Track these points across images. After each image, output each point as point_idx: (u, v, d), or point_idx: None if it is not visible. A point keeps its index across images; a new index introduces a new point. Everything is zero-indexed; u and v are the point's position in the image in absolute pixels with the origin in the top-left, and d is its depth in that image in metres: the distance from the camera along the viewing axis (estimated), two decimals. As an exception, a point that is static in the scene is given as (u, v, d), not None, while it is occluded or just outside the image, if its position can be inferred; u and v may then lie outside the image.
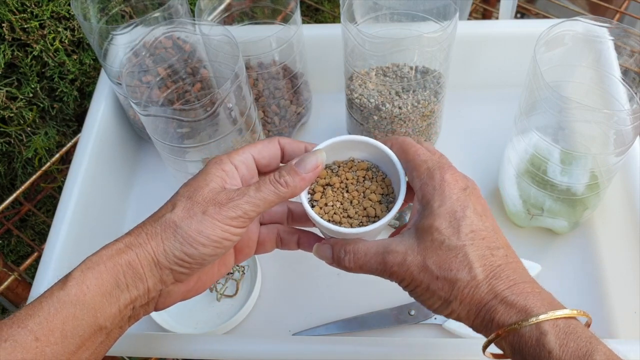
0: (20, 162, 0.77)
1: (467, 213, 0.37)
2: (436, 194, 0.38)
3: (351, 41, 0.55)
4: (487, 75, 0.72)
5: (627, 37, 0.52)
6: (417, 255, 0.37)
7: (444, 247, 0.37)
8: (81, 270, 0.37)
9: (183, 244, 0.38)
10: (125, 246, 0.38)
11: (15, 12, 0.69)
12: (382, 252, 0.38)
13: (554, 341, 0.33)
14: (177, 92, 0.61)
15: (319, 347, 0.48)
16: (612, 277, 0.58)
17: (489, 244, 0.37)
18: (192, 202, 0.39)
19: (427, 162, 0.40)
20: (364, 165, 0.46)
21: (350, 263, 0.40)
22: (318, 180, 0.45)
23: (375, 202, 0.44)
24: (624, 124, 0.48)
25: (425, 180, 0.39)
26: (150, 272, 0.38)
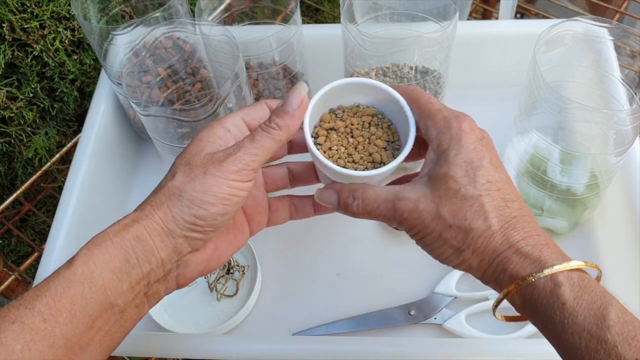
0: (20, 162, 0.77)
1: (483, 163, 0.37)
2: (453, 142, 0.37)
3: (351, 41, 0.55)
4: (487, 75, 0.72)
5: (626, 37, 0.52)
6: (430, 203, 0.37)
7: (459, 196, 0.36)
8: (87, 249, 0.36)
9: (191, 207, 0.37)
10: (131, 220, 0.37)
11: (15, 12, 0.69)
12: (393, 198, 0.38)
13: (568, 293, 0.33)
14: (177, 92, 0.61)
15: (319, 347, 0.48)
16: (611, 277, 0.58)
17: (504, 196, 0.37)
18: (190, 166, 0.38)
19: (442, 110, 0.39)
20: (369, 111, 0.44)
21: (358, 208, 0.39)
22: (322, 124, 0.43)
23: (381, 149, 0.42)
24: (623, 124, 0.48)
25: (442, 129, 0.38)
26: (161, 243, 0.37)
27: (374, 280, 0.60)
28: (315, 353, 0.48)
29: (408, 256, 0.61)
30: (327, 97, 0.43)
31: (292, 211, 0.46)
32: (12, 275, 0.66)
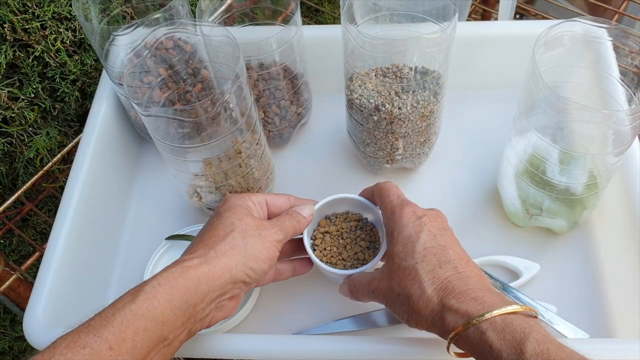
0: (21, 162, 0.77)
1: (420, 236, 0.45)
2: (395, 225, 0.46)
3: (351, 42, 0.55)
4: (486, 75, 0.72)
5: (625, 38, 0.52)
6: (385, 279, 0.46)
7: (401, 268, 0.44)
8: (152, 286, 0.40)
9: (249, 260, 0.45)
10: (197, 263, 0.43)
11: (16, 12, 0.70)
12: (369, 280, 0.48)
13: (492, 337, 0.39)
14: (178, 93, 0.61)
15: (319, 346, 0.49)
16: (610, 277, 0.58)
17: (439, 259, 0.43)
18: (245, 224, 0.47)
19: (392, 201, 0.49)
20: (356, 217, 0.59)
21: (357, 293, 0.50)
22: (319, 228, 0.58)
23: (364, 248, 0.56)
24: (622, 124, 0.48)
25: (389, 216, 0.48)
26: (218, 286, 0.43)
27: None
28: (316, 352, 0.48)
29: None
30: (323, 208, 0.57)
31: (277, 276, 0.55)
32: (14, 275, 0.66)
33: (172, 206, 0.68)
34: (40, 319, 0.51)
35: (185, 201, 0.65)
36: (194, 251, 0.45)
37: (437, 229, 0.46)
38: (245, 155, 0.58)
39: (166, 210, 0.67)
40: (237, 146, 0.57)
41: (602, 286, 0.58)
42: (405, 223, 0.46)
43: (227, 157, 0.57)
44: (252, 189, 0.61)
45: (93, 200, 0.61)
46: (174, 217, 0.66)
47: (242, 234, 0.46)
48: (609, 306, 0.56)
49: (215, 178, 0.58)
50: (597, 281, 0.58)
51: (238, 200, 0.50)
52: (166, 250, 0.63)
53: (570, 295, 0.57)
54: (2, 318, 0.86)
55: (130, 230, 0.67)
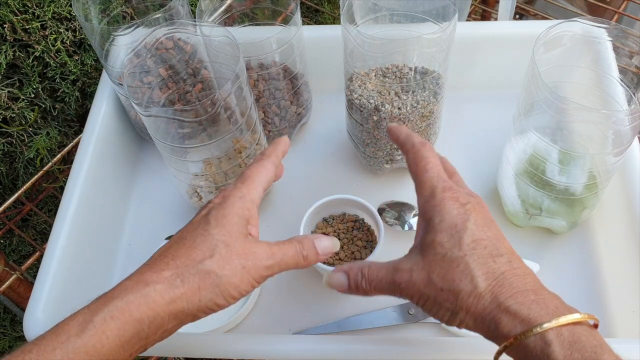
0: (22, 162, 0.77)
1: (468, 225, 0.38)
2: (436, 210, 0.40)
3: (351, 42, 0.55)
4: (486, 76, 0.72)
5: (625, 38, 0.52)
6: (422, 271, 0.38)
7: (446, 259, 0.38)
8: (104, 318, 0.36)
9: (218, 296, 0.38)
10: (158, 292, 0.37)
11: (17, 12, 0.70)
12: (392, 271, 0.40)
13: (558, 351, 0.33)
14: (178, 93, 0.61)
15: (319, 346, 0.49)
16: (610, 277, 0.58)
17: (491, 252, 0.38)
18: (230, 251, 0.39)
19: (431, 179, 0.42)
20: (352, 218, 0.60)
21: (367, 286, 0.41)
22: (316, 231, 0.59)
23: (360, 247, 0.57)
24: (622, 124, 0.48)
25: (427, 198, 0.41)
26: (174, 320, 0.38)
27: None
28: (316, 352, 0.48)
29: (408, 256, 0.61)
30: (320, 209, 0.58)
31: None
32: (14, 275, 0.66)
33: (172, 206, 0.68)
34: (40, 319, 0.51)
35: (185, 201, 0.65)
36: (160, 269, 0.38)
37: (482, 219, 0.40)
38: (245, 155, 0.58)
39: (166, 210, 0.67)
40: (237, 146, 0.57)
41: (602, 286, 0.58)
42: (448, 209, 0.39)
43: (227, 157, 0.57)
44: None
45: (93, 200, 0.61)
46: (174, 217, 0.66)
47: (221, 262, 0.39)
48: (608, 306, 0.56)
49: (215, 178, 0.58)
50: (596, 281, 0.58)
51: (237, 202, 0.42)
52: (166, 250, 0.63)
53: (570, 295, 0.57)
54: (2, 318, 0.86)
55: (130, 230, 0.67)
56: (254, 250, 0.40)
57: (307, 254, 0.43)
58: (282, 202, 0.67)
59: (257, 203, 0.44)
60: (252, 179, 0.44)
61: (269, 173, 0.46)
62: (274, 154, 0.47)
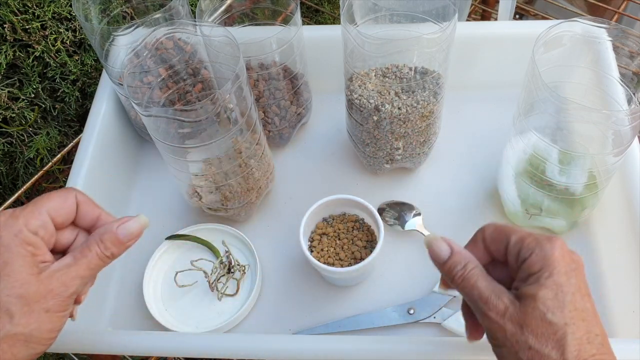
0: (22, 162, 0.77)
1: (573, 290, 0.37)
2: (545, 263, 0.37)
3: (351, 42, 0.55)
4: (486, 76, 0.72)
5: (625, 38, 0.52)
6: (516, 317, 0.37)
7: (546, 320, 0.36)
8: None
9: (35, 348, 0.37)
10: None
11: (17, 13, 0.70)
12: (492, 288, 0.38)
13: None
14: (178, 93, 0.61)
15: (319, 346, 0.49)
16: (610, 277, 0.58)
17: (588, 327, 0.37)
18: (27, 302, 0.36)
19: (532, 234, 0.39)
20: (352, 218, 0.60)
21: (459, 278, 0.39)
22: (316, 230, 0.59)
23: (360, 247, 0.57)
24: (622, 124, 0.48)
25: (534, 249, 0.38)
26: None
27: (373, 279, 0.60)
28: (316, 352, 0.48)
29: (407, 256, 0.61)
30: (320, 209, 0.58)
31: None
32: (14, 275, 0.66)
33: (172, 206, 0.68)
34: (40, 319, 0.51)
35: (185, 201, 0.65)
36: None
37: (585, 286, 0.38)
38: (245, 155, 0.58)
39: (166, 210, 0.67)
40: (237, 146, 0.57)
41: (602, 286, 0.58)
42: (558, 266, 0.37)
43: (227, 157, 0.57)
44: (252, 189, 0.61)
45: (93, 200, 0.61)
46: (174, 217, 0.66)
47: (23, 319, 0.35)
48: (609, 306, 0.56)
49: (215, 178, 0.59)
50: (597, 281, 0.58)
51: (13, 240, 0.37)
52: (166, 250, 0.63)
53: (570, 295, 0.57)
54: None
55: (130, 230, 0.66)
56: (51, 288, 0.37)
57: (111, 252, 0.40)
58: (282, 202, 0.67)
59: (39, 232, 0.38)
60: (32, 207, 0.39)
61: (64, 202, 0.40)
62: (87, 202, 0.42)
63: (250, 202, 0.62)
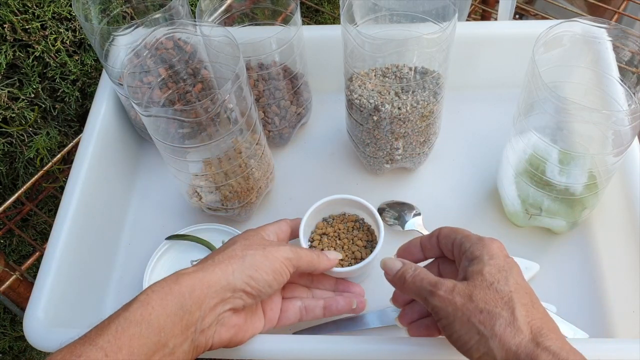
0: (22, 162, 0.77)
1: (512, 271, 0.41)
2: (485, 251, 0.42)
3: (351, 42, 0.55)
4: (486, 75, 0.72)
5: (625, 38, 0.52)
6: (465, 289, 0.41)
7: (493, 288, 0.40)
8: (146, 294, 0.40)
9: (249, 269, 0.44)
10: (191, 271, 0.43)
11: (16, 13, 0.70)
12: (436, 279, 0.43)
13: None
14: (178, 93, 0.61)
15: (319, 346, 0.49)
16: (610, 277, 0.58)
17: (531, 298, 0.41)
18: (249, 242, 0.47)
19: (474, 234, 0.45)
20: (352, 218, 0.60)
21: (410, 277, 0.44)
22: (317, 230, 0.59)
23: (361, 247, 0.57)
24: (622, 124, 0.48)
25: (475, 241, 0.44)
26: (214, 293, 0.42)
27: (373, 279, 0.60)
28: (316, 352, 0.48)
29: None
30: (320, 209, 0.58)
31: (303, 314, 0.52)
32: (14, 275, 0.66)
33: (172, 206, 0.68)
34: (40, 319, 0.51)
35: (185, 201, 0.65)
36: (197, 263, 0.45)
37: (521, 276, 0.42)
38: (245, 155, 0.58)
39: (166, 210, 0.67)
40: (237, 146, 0.57)
41: (602, 286, 0.58)
42: (495, 252, 0.42)
43: (227, 157, 0.57)
44: (252, 189, 0.61)
45: (93, 200, 0.61)
46: (174, 217, 0.66)
47: (244, 247, 0.46)
48: (608, 306, 0.56)
49: (215, 178, 0.59)
50: (596, 281, 0.58)
51: (251, 231, 0.51)
52: (166, 250, 0.63)
53: (570, 295, 0.57)
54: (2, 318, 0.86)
55: (130, 230, 0.67)
56: (272, 242, 0.48)
57: (318, 253, 0.50)
58: (282, 202, 0.67)
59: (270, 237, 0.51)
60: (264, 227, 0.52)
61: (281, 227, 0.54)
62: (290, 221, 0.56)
63: (250, 202, 0.62)
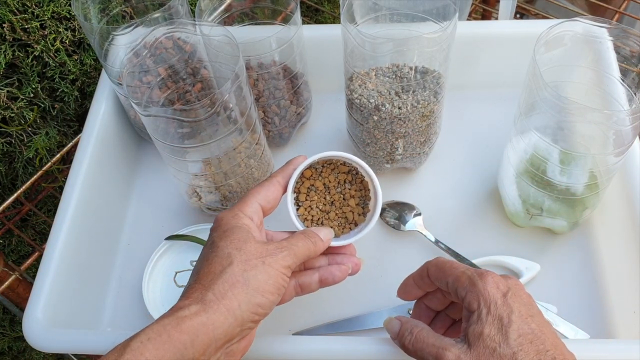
0: (21, 162, 0.77)
1: (512, 318, 0.39)
2: (482, 300, 0.40)
3: (351, 42, 0.55)
4: (486, 75, 0.72)
5: (626, 38, 0.52)
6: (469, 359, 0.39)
7: (496, 355, 0.38)
8: (140, 341, 0.36)
9: (255, 296, 0.40)
10: (194, 312, 0.38)
11: (16, 12, 0.70)
12: (439, 346, 0.40)
13: None
14: (178, 93, 0.61)
15: (319, 346, 0.49)
16: (611, 277, 0.58)
17: (537, 347, 0.39)
18: (245, 254, 0.41)
19: (465, 272, 0.42)
20: (345, 169, 0.52)
21: (409, 344, 0.42)
22: (303, 181, 0.51)
23: (353, 207, 0.51)
24: (623, 124, 0.48)
25: (469, 288, 0.41)
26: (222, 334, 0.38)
27: (373, 280, 0.60)
28: (315, 352, 0.48)
29: (407, 256, 0.61)
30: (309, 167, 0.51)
31: (298, 291, 0.49)
32: (13, 275, 0.66)
33: (172, 206, 0.68)
34: (39, 319, 0.51)
35: (184, 201, 0.65)
36: (189, 294, 0.39)
37: (526, 308, 0.41)
38: (245, 155, 0.58)
39: (166, 210, 0.67)
40: (237, 146, 0.56)
41: (603, 286, 0.58)
42: (492, 297, 0.40)
43: (227, 157, 0.57)
44: (251, 189, 0.61)
45: (92, 200, 0.61)
46: (174, 217, 0.66)
47: (242, 265, 0.40)
48: (609, 306, 0.56)
49: (215, 178, 0.58)
50: (597, 281, 0.58)
51: (232, 220, 0.44)
52: (166, 250, 0.63)
53: (571, 296, 0.57)
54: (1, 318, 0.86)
55: (129, 230, 0.66)
56: (266, 248, 0.42)
57: (314, 240, 0.46)
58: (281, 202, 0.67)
59: (253, 217, 0.45)
60: (245, 198, 0.46)
61: (268, 191, 0.47)
62: (280, 174, 0.49)
63: (250, 202, 0.62)
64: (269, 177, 0.49)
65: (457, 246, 0.60)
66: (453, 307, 0.46)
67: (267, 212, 0.47)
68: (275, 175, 0.49)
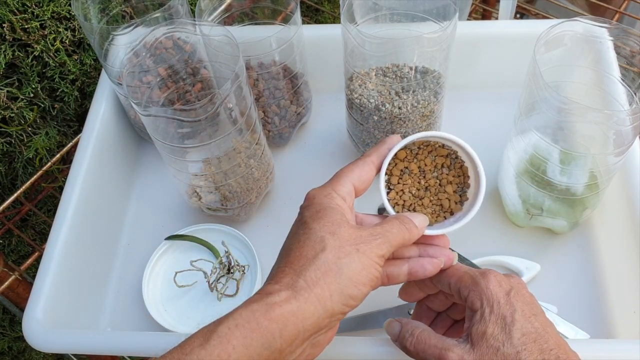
0: (21, 162, 0.77)
1: (515, 317, 0.39)
2: (484, 299, 0.40)
3: (351, 41, 0.55)
4: (486, 75, 0.72)
5: (626, 38, 0.52)
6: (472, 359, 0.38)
7: (500, 354, 0.38)
8: (228, 327, 0.34)
9: (346, 286, 0.37)
10: (284, 298, 0.36)
11: (16, 12, 0.70)
12: (441, 347, 0.39)
13: None
14: (178, 92, 0.61)
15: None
16: (611, 277, 0.58)
17: (541, 346, 0.38)
18: (339, 239, 0.38)
19: (468, 272, 0.42)
20: (443, 152, 0.46)
21: (411, 345, 0.41)
22: (397, 163, 0.46)
23: (450, 194, 0.46)
24: (623, 124, 0.48)
25: (471, 287, 0.41)
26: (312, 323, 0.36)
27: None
28: (315, 352, 0.48)
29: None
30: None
31: (385, 280, 0.45)
32: (13, 275, 0.66)
33: (172, 206, 0.68)
34: (39, 319, 0.51)
35: (184, 201, 0.65)
36: (279, 278, 0.37)
37: (529, 307, 0.40)
38: (245, 155, 0.58)
39: (166, 210, 0.67)
40: (237, 146, 0.56)
41: (603, 286, 0.58)
42: (494, 295, 0.39)
43: (227, 157, 0.57)
44: (251, 189, 0.61)
45: (92, 200, 0.61)
46: (174, 217, 0.66)
47: (336, 252, 0.38)
48: (609, 306, 0.56)
49: (214, 178, 0.58)
50: (597, 281, 0.58)
51: (325, 199, 0.41)
52: (166, 250, 0.63)
53: (571, 296, 0.57)
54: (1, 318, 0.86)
55: (129, 231, 0.66)
56: (360, 234, 0.39)
57: (409, 226, 0.42)
58: (282, 202, 0.67)
59: (346, 198, 0.42)
60: (338, 177, 0.43)
61: (362, 170, 0.44)
62: (374, 154, 0.45)
63: (250, 202, 0.62)
64: (362, 156, 0.45)
65: (457, 246, 0.60)
66: (454, 308, 0.46)
67: (359, 193, 0.44)
68: (369, 154, 0.45)
